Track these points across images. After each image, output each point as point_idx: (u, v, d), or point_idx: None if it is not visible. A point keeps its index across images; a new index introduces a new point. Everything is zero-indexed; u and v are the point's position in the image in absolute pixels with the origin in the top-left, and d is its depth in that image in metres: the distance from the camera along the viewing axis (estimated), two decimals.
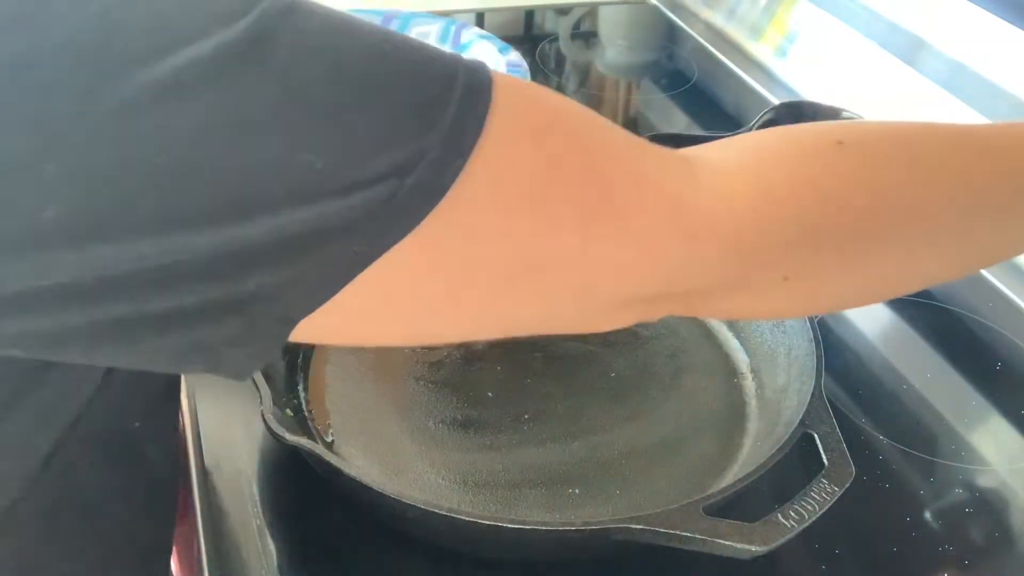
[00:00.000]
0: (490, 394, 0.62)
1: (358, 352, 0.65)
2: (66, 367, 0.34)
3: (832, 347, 0.68)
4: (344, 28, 0.29)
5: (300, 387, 0.61)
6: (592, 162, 0.33)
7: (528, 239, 0.31)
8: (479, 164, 0.29)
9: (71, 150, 0.25)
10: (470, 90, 0.29)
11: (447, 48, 1.03)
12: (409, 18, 1.05)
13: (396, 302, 0.31)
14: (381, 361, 0.64)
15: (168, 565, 0.50)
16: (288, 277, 0.28)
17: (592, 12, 1.24)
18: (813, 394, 0.55)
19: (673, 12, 1.21)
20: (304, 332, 0.30)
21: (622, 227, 0.33)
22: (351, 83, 0.28)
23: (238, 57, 0.26)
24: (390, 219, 0.28)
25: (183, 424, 0.62)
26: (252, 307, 0.28)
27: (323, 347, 0.64)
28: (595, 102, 1.06)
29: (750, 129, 0.77)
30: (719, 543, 0.46)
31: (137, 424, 0.42)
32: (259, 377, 0.53)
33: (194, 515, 0.55)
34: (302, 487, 0.56)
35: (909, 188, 0.38)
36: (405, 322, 0.33)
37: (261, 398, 0.52)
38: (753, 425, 0.61)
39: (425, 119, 0.28)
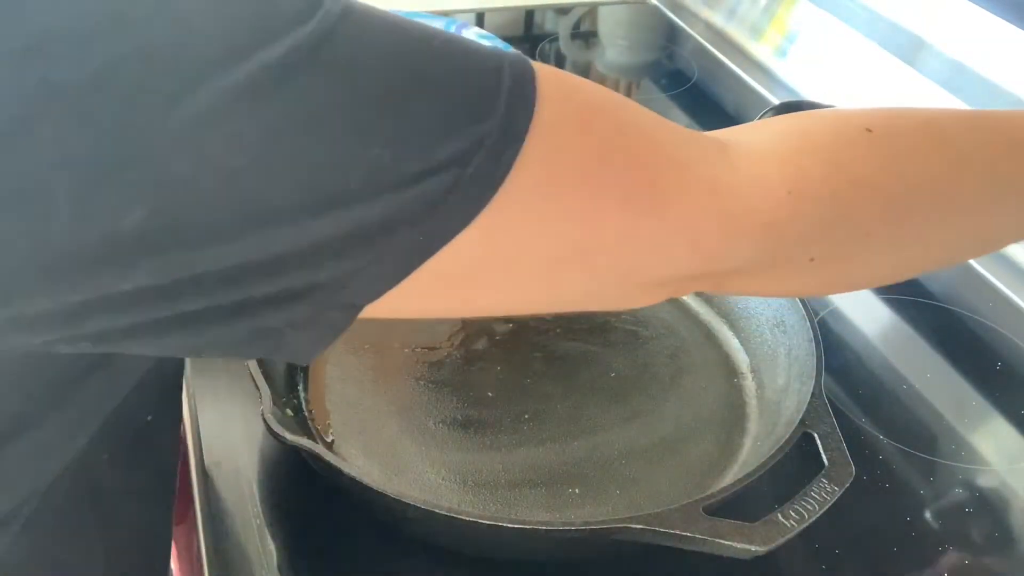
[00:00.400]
0: (490, 394, 0.62)
1: (358, 352, 0.65)
2: (110, 368, 0.35)
3: (832, 347, 0.68)
4: (395, 26, 0.30)
5: (300, 387, 0.61)
6: (635, 147, 0.34)
7: (577, 223, 0.32)
8: (533, 150, 0.30)
9: (152, 157, 0.26)
10: (517, 79, 0.30)
11: None
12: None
13: (454, 284, 0.32)
14: (381, 361, 0.64)
15: (168, 553, 0.50)
16: (355, 267, 0.29)
17: (592, 12, 1.24)
18: (813, 394, 0.55)
19: (673, 12, 1.21)
20: (367, 312, 0.31)
21: (664, 211, 0.34)
22: (409, 77, 0.29)
23: (307, 59, 0.27)
24: (453, 207, 0.29)
25: (183, 424, 0.62)
26: (319, 296, 0.29)
27: None
28: None
29: None
30: (719, 543, 0.46)
31: (149, 418, 0.42)
32: (259, 377, 0.53)
33: (194, 515, 0.55)
34: (302, 487, 0.56)
35: (936, 175, 0.40)
36: (460, 300, 0.35)
37: (261, 398, 0.52)
38: (753, 425, 0.61)
39: (481, 108, 0.29)
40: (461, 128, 0.29)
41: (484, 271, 0.32)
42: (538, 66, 0.31)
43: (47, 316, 0.27)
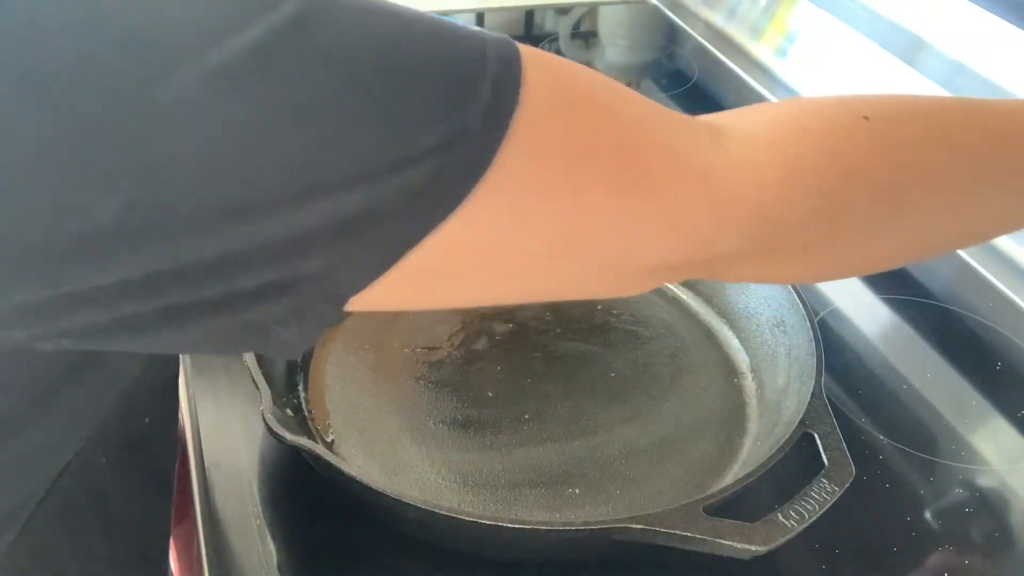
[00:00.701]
0: (490, 394, 0.62)
1: (358, 352, 0.65)
2: (100, 366, 0.34)
3: (832, 347, 0.68)
4: (376, 9, 0.29)
5: (300, 387, 0.61)
6: (625, 134, 0.33)
7: (566, 211, 0.32)
8: (519, 137, 0.29)
9: (128, 145, 0.25)
10: (503, 64, 0.29)
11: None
12: None
13: (441, 274, 0.32)
14: (381, 361, 0.64)
15: (166, 552, 0.50)
16: (339, 258, 0.29)
17: (592, 12, 1.24)
18: (813, 394, 0.55)
19: (673, 12, 1.21)
20: (353, 304, 0.31)
21: (654, 199, 0.33)
22: (391, 63, 0.28)
23: (284, 42, 0.26)
24: (437, 195, 0.29)
25: (183, 424, 0.62)
26: (304, 288, 0.29)
27: (323, 347, 0.64)
28: None
29: None
30: (719, 543, 0.46)
31: (147, 420, 0.42)
32: (259, 377, 0.53)
33: (194, 515, 0.55)
34: (302, 487, 0.56)
35: (932, 165, 0.39)
36: (447, 291, 0.34)
37: (261, 398, 0.52)
38: (753, 425, 0.61)
39: (464, 94, 0.28)
40: (444, 115, 0.28)
41: (471, 261, 0.32)
42: (525, 49, 0.31)
43: (27, 310, 0.27)
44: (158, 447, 0.46)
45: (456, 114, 0.28)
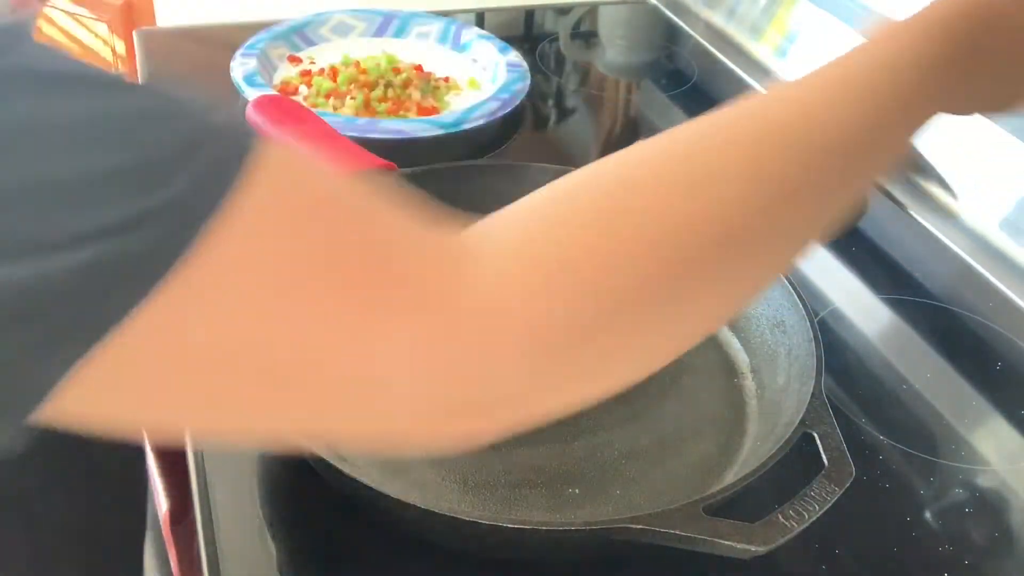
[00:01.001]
0: None
1: None
2: None
3: (832, 347, 0.68)
4: (73, 71, 0.26)
5: None
6: (356, 260, 0.29)
7: (275, 332, 0.28)
8: (214, 245, 0.25)
9: None
10: (217, 160, 0.26)
11: (449, 49, 1.03)
12: (409, 18, 1.05)
13: (137, 394, 0.28)
14: None
15: (140, 563, 0.49)
16: (8, 353, 0.24)
17: (592, 12, 1.24)
18: (813, 394, 0.55)
19: (673, 12, 1.21)
20: (50, 416, 0.26)
21: (391, 333, 0.30)
22: (60, 128, 0.24)
23: None
24: (114, 285, 0.24)
25: None
26: None
27: None
28: (595, 102, 1.06)
29: None
30: (719, 543, 0.46)
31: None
32: None
33: (194, 515, 0.55)
34: (302, 487, 0.55)
35: (705, 216, 0.34)
36: (160, 417, 0.30)
37: None
38: (753, 425, 0.61)
39: (150, 181, 0.25)
40: (118, 198, 0.24)
41: (166, 380, 0.27)
42: (265, 151, 0.27)
43: None
44: (112, 459, 0.44)
45: (131, 201, 0.24)
